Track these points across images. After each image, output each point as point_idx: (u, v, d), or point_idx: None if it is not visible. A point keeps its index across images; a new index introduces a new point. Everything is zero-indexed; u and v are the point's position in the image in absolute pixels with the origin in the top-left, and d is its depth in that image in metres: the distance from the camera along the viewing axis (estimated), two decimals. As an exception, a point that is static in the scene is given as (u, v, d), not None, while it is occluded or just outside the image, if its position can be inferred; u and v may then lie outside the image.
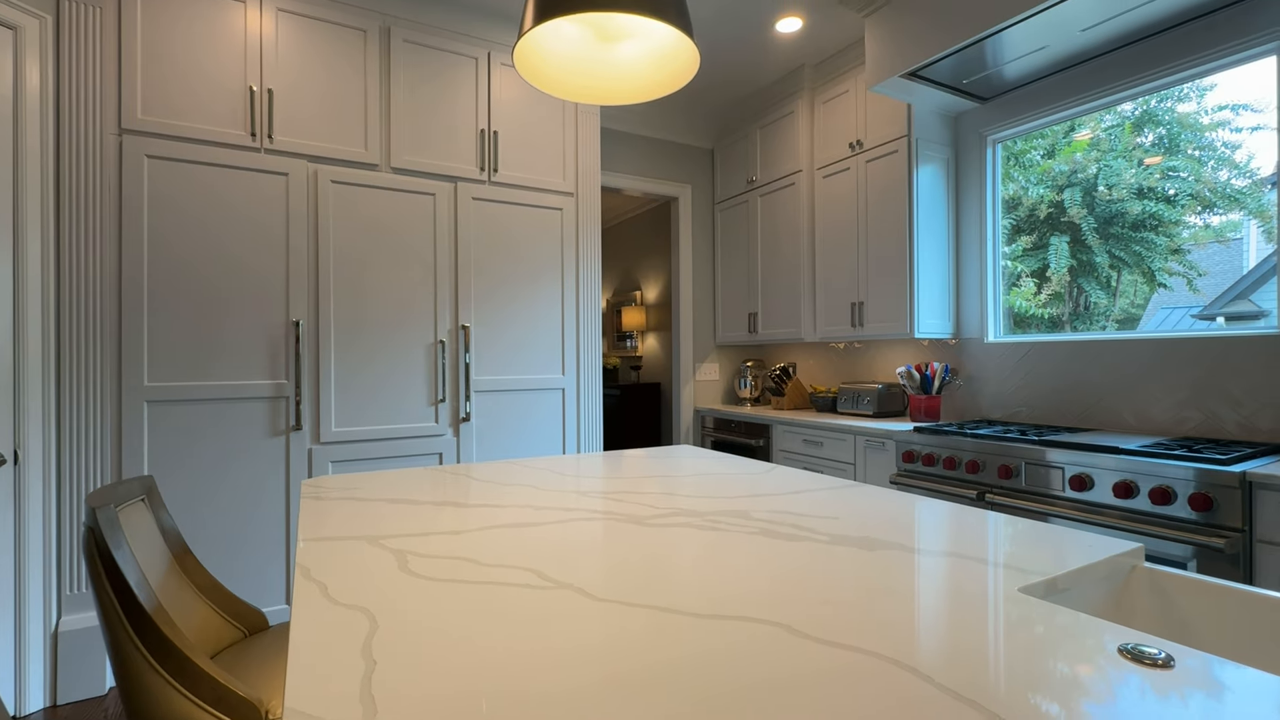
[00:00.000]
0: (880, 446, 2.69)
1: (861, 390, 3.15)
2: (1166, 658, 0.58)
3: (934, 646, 0.61)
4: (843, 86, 3.20)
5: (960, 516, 1.10)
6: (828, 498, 1.25)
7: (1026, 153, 3.40)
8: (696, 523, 1.07)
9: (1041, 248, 3.75)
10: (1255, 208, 3.04)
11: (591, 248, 2.99)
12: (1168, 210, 3.46)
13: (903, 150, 2.87)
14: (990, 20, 2.21)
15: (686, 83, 1.20)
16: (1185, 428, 2.21)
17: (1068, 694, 0.53)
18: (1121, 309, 3.66)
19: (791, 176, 3.48)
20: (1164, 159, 3.74)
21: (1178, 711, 0.50)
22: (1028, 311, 3.46)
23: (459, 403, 2.65)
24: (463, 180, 2.67)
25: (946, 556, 0.88)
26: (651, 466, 1.61)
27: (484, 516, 1.12)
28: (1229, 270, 3.83)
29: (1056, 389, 2.60)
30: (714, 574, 0.82)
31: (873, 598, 0.74)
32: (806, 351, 3.89)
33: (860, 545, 0.94)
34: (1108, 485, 1.88)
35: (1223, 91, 2.79)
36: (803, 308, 3.42)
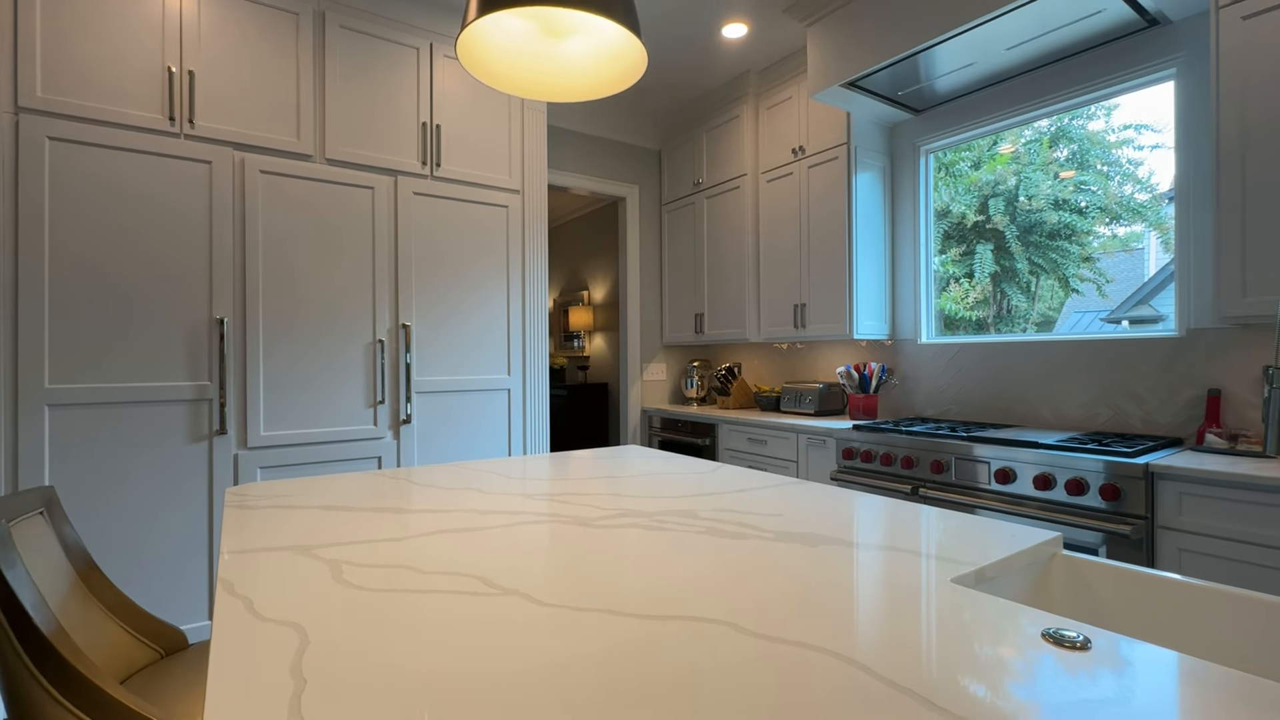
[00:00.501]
0: (821, 444, 2.78)
1: (803, 390, 3.23)
2: (1084, 640, 0.61)
3: (873, 638, 0.63)
4: (786, 93, 3.28)
5: (896, 511, 1.15)
6: (771, 495, 1.27)
7: (956, 163, 3.58)
8: (644, 523, 1.07)
9: (969, 254, 3.96)
10: (1155, 220, 3.29)
11: (538, 246, 2.95)
12: (1080, 221, 3.71)
13: (842, 157, 2.97)
14: (923, 36, 2.31)
15: (634, 82, 1.20)
16: (1096, 423, 2.38)
17: (995, 677, 0.55)
18: (1040, 312, 3.90)
19: (737, 180, 3.54)
20: (1076, 173, 4.01)
21: (1093, 689, 0.53)
22: (957, 314, 3.64)
23: (399, 404, 2.56)
24: (403, 174, 2.59)
25: (883, 550, 0.92)
26: (599, 467, 1.60)
27: (426, 522, 1.08)
28: (1133, 277, 4.15)
29: (983, 387, 2.74)
30: (662, 574, 0.82)
31: (814, 592, 0.75)
32: (751, 352, 3.96)
33: (803, 541, 0.96)
34: (1029, 478, 2.00)
35: (1127, 112, 3.01)
36: (747, 309, 3.48)
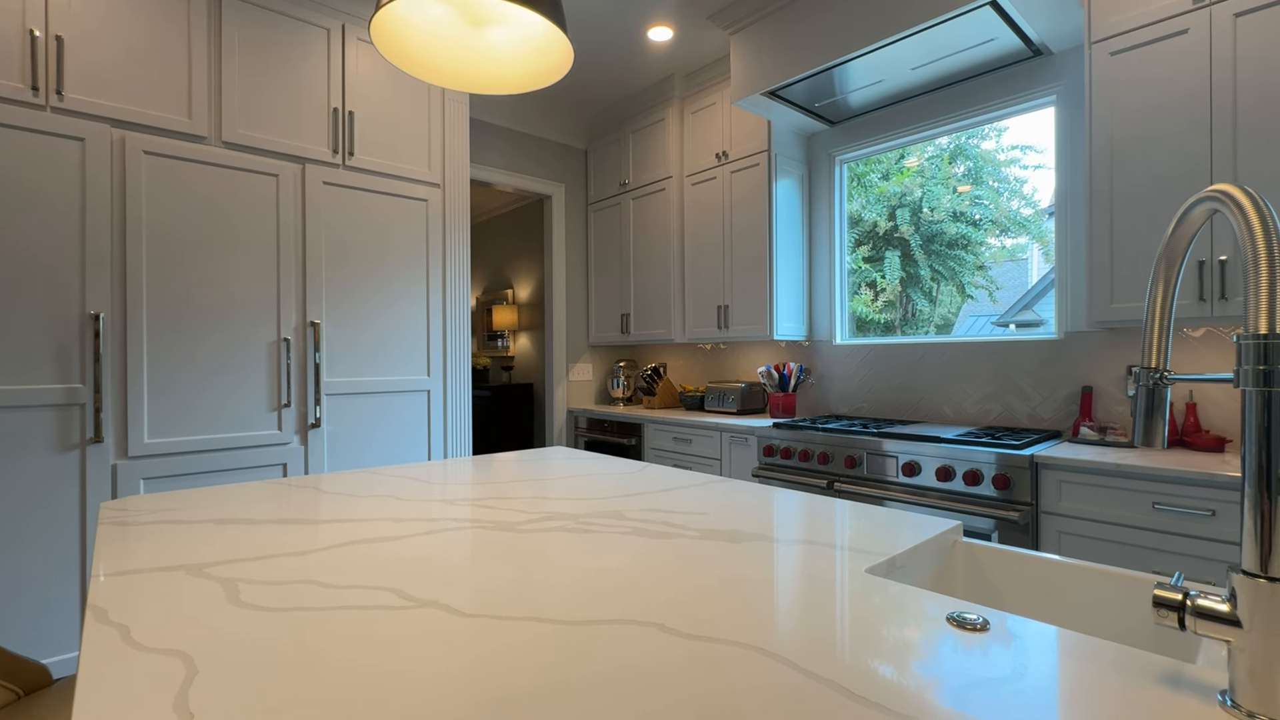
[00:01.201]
0: (744, 442, 2.85)
1: (726, 389, 3.31)
2: (983, 621, 0.66)
3: (795, 631, 0.65)
4: (710, 99, 3.35)
5: (813, 506, 1.19)
6: (696, 494, 1.29)
7: (867, 174, 3.78)
8: (570, 526, 1.05)
9: (878, 260, 4.19)
10: (1038, 233, 3.61)
11: (460, 242, 2.85)
12: (974, 232, 4.02)
13: (763, 164, 3.07)
14: (835, 53, 2.42)
15: (559, 79, 1.18)
16: (989, 418, 2.59)
17: (906, 662, 0.58)
18: (940, 316, 4.18)
19: (662, 182, 3.58)
20: (972, 188, 4.33)
21: (992, 668, 0.57)
22: (868, 316, 3.84)
23: (307, 407, 2.40)
24: (312, 162, 2.43)
25: (803, 544, 0.95)
26: (523, 470, 1.57)
27: (335, 533, 1.02)
28: (1019, 284, 4.53)
29: (891, 386, 2.92)
30: (588, 578, 0.81)
31: (739, 589, 0.77)
32: (677, 352, 4.02)
33: (727, 539, 0.98)
34: (932, 470, 2.14)
35: (1015, 133, 3.28)
36: (673, 310, 3.52)
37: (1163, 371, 0.62)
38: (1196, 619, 0.51)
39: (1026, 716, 0.50)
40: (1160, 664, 0.57)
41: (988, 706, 0.51)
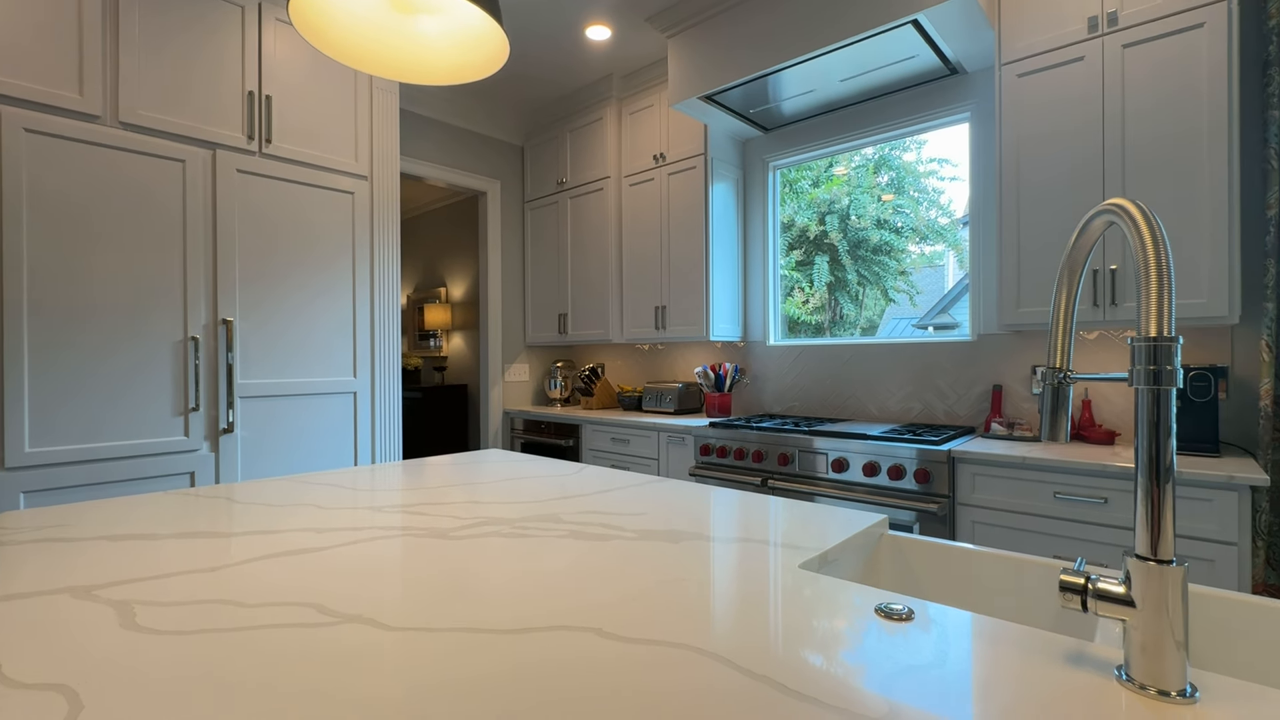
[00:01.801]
0: (681, 441, 2.88)
1: (664, 389, 3.34)
2: (908, 611, 0.69)
3: (732, 629, 0.65)
4: (648, 100, 3.36)
5: (748, 503, 1.21)
6: (634, 494, 1.29)
7: (799, 181, 3.90)
8: (505, 531, 1.03)
9: (808, 264, 4.34)
10: (954, 241, 3.83)
11: (389, 238, 2.74)
12: (897, 239, 4.23)
13: (700, 167, 3.11)
14: (770, 60, 2.49)
15: (494, 72, 1.15)
16: (911, 415, 2.72)
17: (839, 655, 0.60)
18: (866, 318, 4.36)
19: (600, 182, 3.57)
20: (894, 197, 4.55)
21: (917, 655, 0.60)
22: (799, 318, 3.97)
23: (219, 411, 2.24)
24: (224, 148, 2.26)
25: (739, 542, 0.96)
26: (457, 474, 1.52)
27: (250, 546, 0.95)
28: (936, 289, 4.80)
29: (821, 385, 3.02)
30: (525, 584, 0.79)
31: (677, 589, 0.77)
32: (614, 352, 4.02)
33: (665, 539, 0.98)
34: (859, 466, 2.23)
35: (933, 147, 3.46)
36: (610, 310, 3.52)
37: (1066, 371, 0.67)
38: (1097, 601, 0.55)
39: (947, 701, 0.52)
40: (1065, 644, 0.61)
41: (914, 693, 0.53)
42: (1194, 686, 0.52)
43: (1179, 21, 1.85)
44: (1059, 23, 2.06)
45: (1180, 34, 1.85)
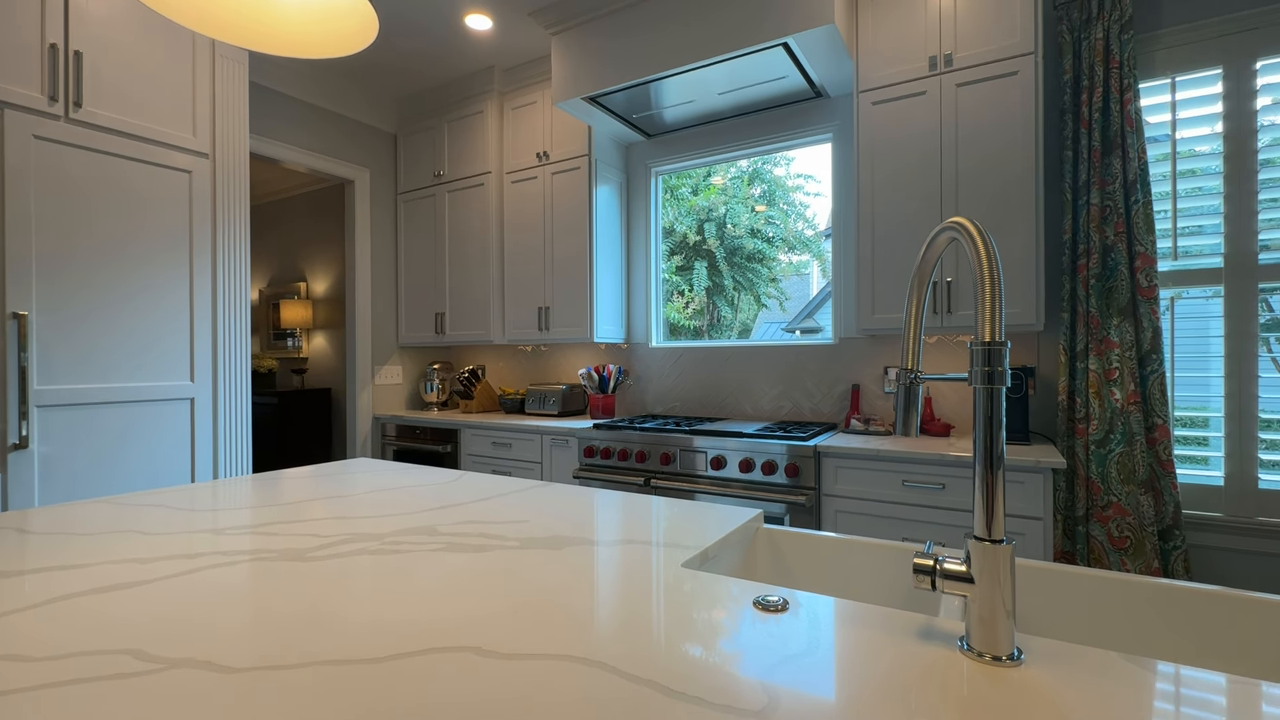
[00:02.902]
0: (565, 444, 2.85)
1: (547, 391, 3.28)
2: (783, 602, 0.72)
3: (616, 635, 0.65)
4: (532, 97, 3.30)
5: (631, 505, 1.22)
6: (517, 501, 1.25)
7: (679, 187, 4.01)
8: (374, 548, 0.95)
9: (688, 269, 4.47)
10: (818, 252, 4.12)
11: (236, 225, 2.44)
12: (768, 248, 4.49)
13: (584, 168, 3.10)
14: (651, 69, 2.54)
15: (359, 50, 1.06)
16: (782, 414, 2.90)
17: (721, 652, 0.61)
18: (741, 322, 4.58)
19: (481, 177, 3.44)
20: (766, 209, 4.82)
21: (792, 644, 0.63)
22: (679, 322, 4.08)
23: (8, 424, 1.87)
24: (17, 109, 1.89)
25: (622, 545, 0.96)
26: (318, 487, 1.38)
27: (45, 586, 0.79)
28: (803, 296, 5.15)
29: (701, 386, 3.13)
30: (396, 605, 0.73)
31: (561, 597, 0.75)
32: (496, 354, 3.89)
33: (549, 546, 0.96)
34: (735, 463, 2.34)
35: (800, 163, 3.70)
36: (491, 310, 3.40)
37: (916, 372, 0.73)
38: (944, 580, 0.61)
39: (819, 685, 0.55)
40: (916, 620, 0.67)
41: (790, 681, 0.56)
42: (1020, 650, 0.59)
43: (999, 68, 2.13)
44: (906, 59, 2.30)
45: (1000, 79, 2.13)
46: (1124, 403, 2.09)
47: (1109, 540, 2.10)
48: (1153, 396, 2.07)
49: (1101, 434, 2.12)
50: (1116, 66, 2.11)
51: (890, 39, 2.32)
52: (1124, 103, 2.10)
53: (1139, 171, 2.08)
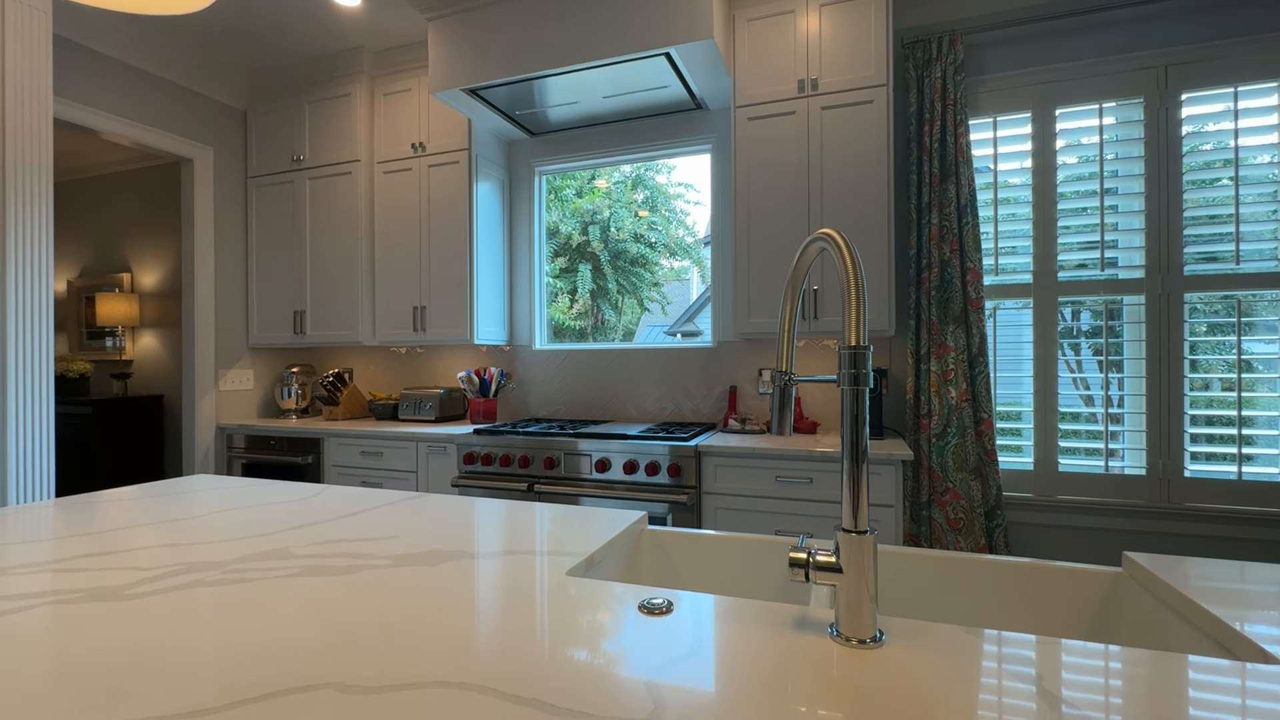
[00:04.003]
0: (442, 451, 2.71)
1: (423, 396, 3.11)
2: (668, 604, 0.73)
3: (498, 653, 0.62)
4: (406, 84, 3.11)
5: (513, 513, 1.18)
6: (388, 514, 1.16)
7: (564, 189, 3.97)
8: (213, 578, 0.83)
9: (572, 271, 4.46)
10: (697, 258, 4.27)
11: (35, 203, 2.06)
12: (651, 253, 4.58)
13: (464, 163, 2.97)
14: (533, 66, 2.49)
15: (198, 8, 0.93)
16: (664, 415, 2.97)
17: (606, 661, 0.60)
18: (624, 325, 4.63)
19: (349, 165, 3.18)
20: (649, 214, 4.92)
21: (677, 646, 0.63)
22: (564, 324, 4.05)
23: None
24: None
25: (504, 556, 0.92)
26: (145, 510, 1.20)
27: None
28: (683, 300, 5.31)
29: (586, 388, 3.12)
30: (239, 643, 0.64)
31: (437, 617, 0.70)
32: (365, 356, 3.62)
33: (424, 562, 0.89)
34: (620, 465, 2.35)
35: (681, 172, 3.81)
36: (361, 309, 3.16)
37: (790, 374, 0.77)
38: (816, 572, 0.64)
39: (703, 683, 0.55)
40: (791, 612, 0.71)
41: (675, 683, 0.56)
42: (881, 631, 0.64)
43: (857, 96, 2.33)
44: (778, 79, 2.44)
45: (858, 106, 2.34)
46: (958, 400, 2.37)
47: (946, 522, 2.36)
48: (980, 394, 2.37)
49: (940, 428, 2.39)
50: (952, 104, 2.39)
51: (764, 60, 2.46)
52: (957, 136, 2.38)
53: (969, 197, 2.38)
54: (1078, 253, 2.42)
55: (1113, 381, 2.37)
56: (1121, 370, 2.37)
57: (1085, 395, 2.45)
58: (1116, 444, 2.37)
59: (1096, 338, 2.42)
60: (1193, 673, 0.58)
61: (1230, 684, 0.56)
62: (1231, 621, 0.68)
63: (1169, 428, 2.29)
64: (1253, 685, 0.56)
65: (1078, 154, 2.44)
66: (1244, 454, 2.23)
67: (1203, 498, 2.27)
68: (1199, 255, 2.29)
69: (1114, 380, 2.37)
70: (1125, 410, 2.36)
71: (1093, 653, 0.61)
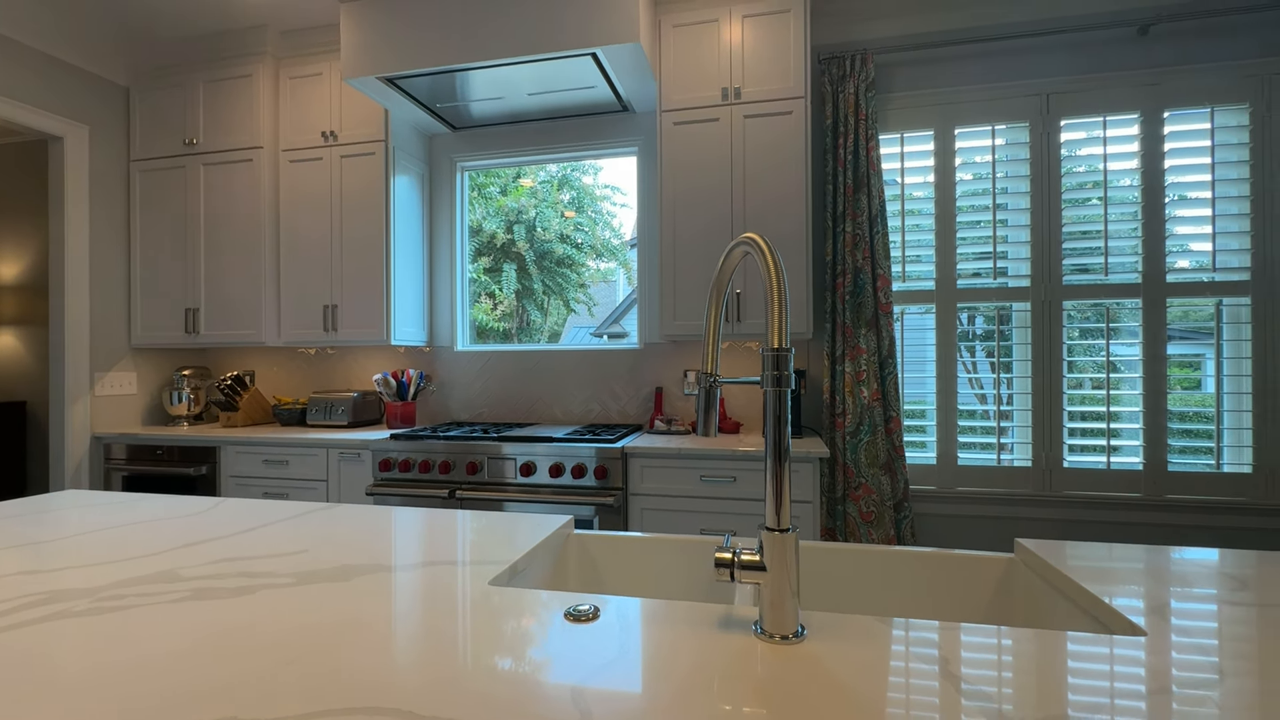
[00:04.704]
0: (356, 458, 2.57)
1: (335, 399, 2.93)
2: (594, 610, 0.72)
3: (415, 671, 0.58)
4: (316, 68, 2.92)
5: (434, 521, 1.13)
6: (292, 528, 1.08)
7: (487, 186, 3.88)
8: (82, 607, 0.74)
9: (497, 271, 4.36)
10: (623, 260, 4.28)
11: None
12: (578, 254, 4.55)
13: (380, 154, 2.83)
14: (453, 58, 2.41)
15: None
16: (591, 417, 2.95)
17: (532, 675, 0.58)
18: (550, 326, 4.58)
19: (250, 152, 2.96)
20: (576, 215, 4.90)
21: (604, 652, 0.62)
22: (487, 325, 3.95)
23: None
24: None
25: (423, 568, 0.88)
26: (1, 534, 1.05)
27: None
28: (610, 302, 5.32)
29: (510, 391, 3.05)
30: (110, 680, 0.57)
31: (349, 638, 0.65)
32: (269, 357, 3.37)
33: (333, 578, 0.84)
34: (546, 468, 2.31)
35: (607, 174, 3.81)
36: (264, 307, 2.94)
37: (715, 376, 0.78)
38: (741, 571, 0.65)
39: (631, 688, 0.55)
40: (717, 611, 0.71)
41: (602, 690, 0.55)
42: (803, 626, 0.66)
43: (778, 106, 2.42)
44: (703, 86, 2.49)
45: (779, 116, 2.42)
46: (870, 399, 2.50)
47: (860, 516, 2.49)
48: (889, 394, 2.51)
49: (854, 426, 2.51)
50: (864, 119, 2.53)
51: (689, 66, 2.50)
52: (869, 149, 2.52)
53: (879, 208, 2.52)
54: (973, 262, 2.61)
55: (1003, 381, 2.58)
56: (1011, 371, 2.58)
57: (980, 394, 2.65)
58: (1007, 438, 2.58)
59: (989, 341, 2.62)
60: (1071, 645, 0.63)
61: (1100, 653, 0.62)
62: (1104, 597, 0.75)
63: (1050, 423, 2.52)
64: (1120, 653, 0.61)
65: (973, 171, 2.64)
66: (1112, 445, 2.48)
67: (1079, 485, 2.51)
68: (1074, 267, 2.53)
69: (1004, 380, 2.58)
70: (1014, 407, 2.58)
71: (988, 633, 0.65)
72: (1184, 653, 0.62)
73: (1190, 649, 0.63)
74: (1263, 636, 0.65)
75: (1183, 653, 0.62)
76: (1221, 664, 0.59)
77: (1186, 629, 0.67)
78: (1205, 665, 0.59)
